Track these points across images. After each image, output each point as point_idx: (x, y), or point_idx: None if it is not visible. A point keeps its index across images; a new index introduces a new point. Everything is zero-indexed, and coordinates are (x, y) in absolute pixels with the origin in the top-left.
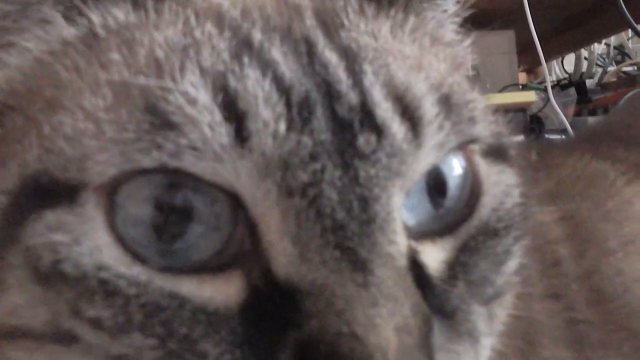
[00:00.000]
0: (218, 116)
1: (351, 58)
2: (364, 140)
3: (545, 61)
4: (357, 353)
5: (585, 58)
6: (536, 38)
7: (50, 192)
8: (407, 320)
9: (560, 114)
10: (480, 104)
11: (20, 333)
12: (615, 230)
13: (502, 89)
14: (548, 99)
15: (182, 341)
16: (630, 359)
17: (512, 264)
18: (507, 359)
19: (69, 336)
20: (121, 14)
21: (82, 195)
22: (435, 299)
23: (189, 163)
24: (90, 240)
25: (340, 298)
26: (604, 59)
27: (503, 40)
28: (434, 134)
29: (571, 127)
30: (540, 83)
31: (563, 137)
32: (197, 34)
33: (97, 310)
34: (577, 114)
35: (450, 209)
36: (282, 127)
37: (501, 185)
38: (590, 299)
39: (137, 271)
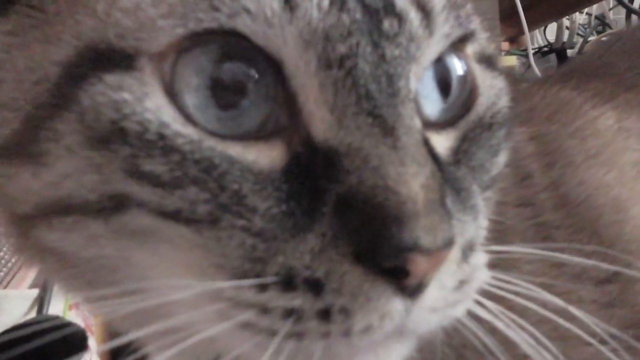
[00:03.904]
0: None
1: None
2: (388, 24)
3: (528, 30)
4: (392, 202)
5: (567, 27)
6: (519, 4)
7: (109, 58)
8: (429, 181)
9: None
10: (474, 14)
11: (61, 206)
12: (579, 146)
13: None
14: (529, 65)
15: (232, 196)
16: (590, 257)
17: (502, 158)
18: None
19: (116, 200)
20: None
21: (140, 61)
22: (446, 175)
23: (244, 24)
24: (150, 101)
25: (375, 157)
26: (585, 29)
27: (486, 7)
28: (442, 24)
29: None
30: (522, 50)
31: None
32: None
33: (155, 166)
34: None
35: (453, 104)
36: (326, 1)
37: (494, 89)
38: (557, 204)
39: (190, 131)
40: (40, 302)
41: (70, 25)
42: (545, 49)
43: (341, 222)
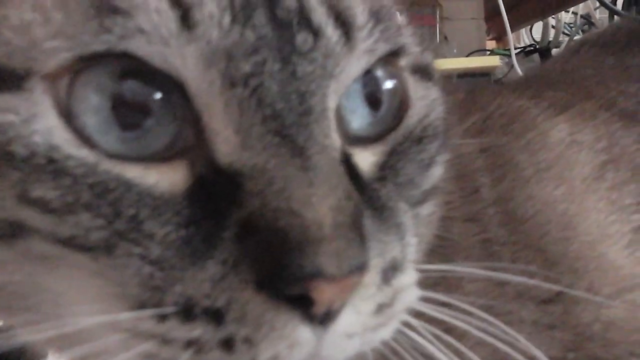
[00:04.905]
0: (164, 3)
1: None
2: (302, 39)
3: (513, 29)
4: (296, 226)
5: (553, 26)
6: (502, 4)
7: None
8: (340, 202)
9: None
10: (407, 26)
11: None
12: (530, 159)
13: (469, 54)
14: (512, 65)
15: (129, 222)
16: (534, 276)
17: (435, 172)
18: (428, 274)
19: (13, 227)
20: None
21: (30, 82)
22: (366, 194)
23: (137, 46)
24: (39, 122)
25: (280, 179)
26: (571, 28)
27: (471, 6)
28: (364, 39)
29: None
30: (507, 49)
31: None
32: None
33: (45, 191)
34: None
35: (382, 118)
36: (227, 19)
37: (426, 100)
38: (503, 220)
39: (85, 154)
40: None
41: None
42: (530, 48)
43: (243, 248)
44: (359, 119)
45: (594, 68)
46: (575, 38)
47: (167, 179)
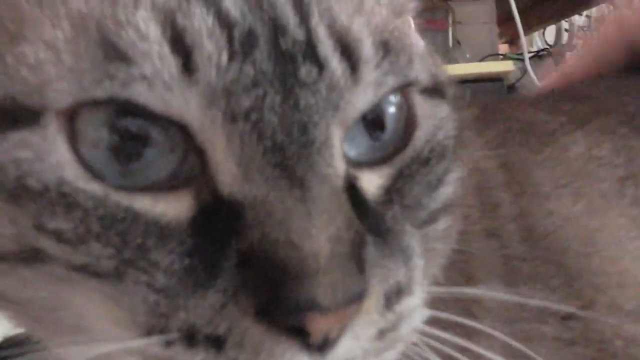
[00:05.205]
0: (166, 49)
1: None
2: (306, 71)
3: (526, 33)
4: (293, 258)
5: (566, 30)
6: (515, 8)
7: (14, 115)
8: (340, 232)
9: (537, 83)
10: (420, 48)
11: None
12: (549, 175)
13: (483, 59)
14: (526, 70)
15: (136, 251)
16: (555, 291)
17: (445, 192)
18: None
19: (34, 252)
20: None
21: (45, 118)
22: (370, 219)
23: (139, 93)
24: (52, 158)
25: (279, 210)
26: (584, 31)
27: (484, 10)
28: (370, 72)
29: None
30: (520, 54)
31: None
32: None
33: (59, 222)
34: None
35: (387, 142)
36: (224, 58)
37: (434, 119)
38: (524, 237)
39: (95, 187)
40: None
41: None
42: (543, 52)
43: (243, 277)
44: (365, 143)
45: (613, 81)
46: None
47: (173, 208)
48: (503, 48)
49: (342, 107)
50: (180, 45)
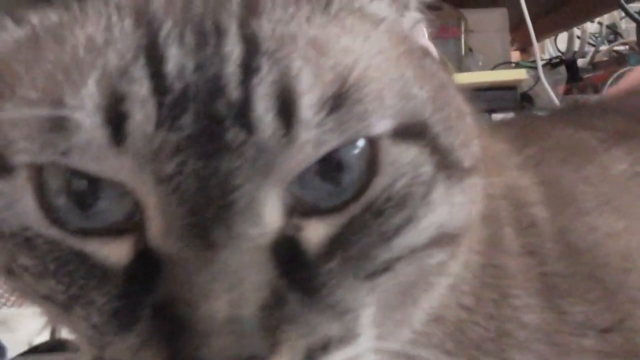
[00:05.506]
0: (98, 120)
1: (253, 49)
2: (233, 134)
3: (538, 40)
4: (190, 318)
5: (578, 37)
6: (527, 16)
7: None
8: (245, 295)
9: (550, 92)
10: (410, 80)
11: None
12: (591, 192)
13: (495, 67)
14: (539, 78)
15: (80, 289)
16: (594, 305)
17: (405, 241)
18: (480, 308)
19: (16, 275)
20: (55, 15)
21: (16, 170)
22: (302, 274)
23: (76, 160)
24: (19, 206)
25: (187, 270)
26: (596, 38)
27: (496, 18)
28: (308, 131)
29: (561, 105)
30: (532, 61)
31: None
32: (116, 31)
33: (25, 260)
34: (567, 92)
35: (345, 189)
36: (151, 128)
37: (397, 165)
38: (563, 253)
39: (53, 232)
40: None
41: None
42: (556, 60)
43: (154, 328)
44: (322, 189)
45: None
46: (600, 48)
47: (115, 253)
48: (514, 56)
49: (276, 168)
50: (114, 115)
